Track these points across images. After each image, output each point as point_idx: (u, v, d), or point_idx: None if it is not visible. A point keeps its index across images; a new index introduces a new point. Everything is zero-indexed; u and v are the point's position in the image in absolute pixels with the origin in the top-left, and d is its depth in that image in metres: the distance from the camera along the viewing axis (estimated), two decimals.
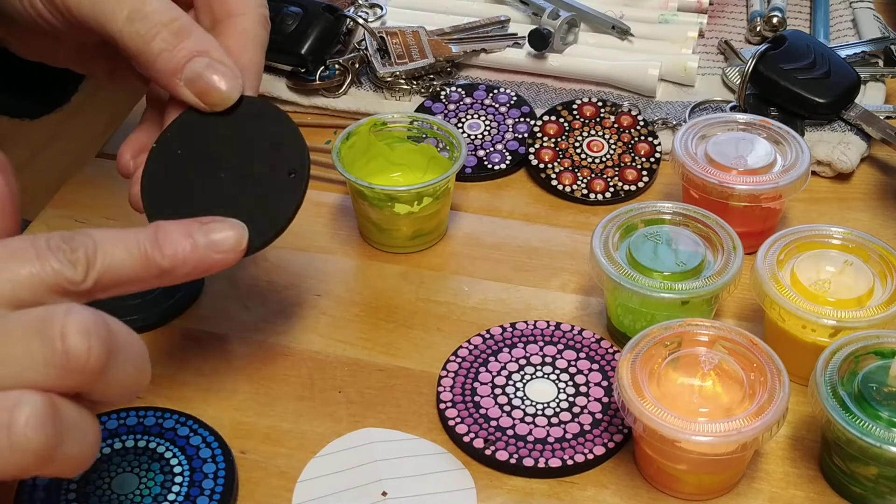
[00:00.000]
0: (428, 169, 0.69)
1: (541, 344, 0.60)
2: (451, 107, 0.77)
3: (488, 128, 0.75)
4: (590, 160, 0.73)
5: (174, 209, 0.50)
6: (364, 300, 0.65)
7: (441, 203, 0.66)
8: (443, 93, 0.78)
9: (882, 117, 0.75)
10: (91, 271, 0.42)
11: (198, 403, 0.58)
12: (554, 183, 0.72)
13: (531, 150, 0.73)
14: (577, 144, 0.73)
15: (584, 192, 0.71)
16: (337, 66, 0.80)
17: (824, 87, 0.75)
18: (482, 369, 0.59)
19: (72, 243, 0.42)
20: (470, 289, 0.65)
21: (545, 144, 0.73)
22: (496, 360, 0.60)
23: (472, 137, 0.75)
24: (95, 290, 0.43)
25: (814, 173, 0.73)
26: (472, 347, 0.60)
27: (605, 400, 0.57)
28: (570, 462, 0.54)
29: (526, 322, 0.62)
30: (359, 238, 0.69)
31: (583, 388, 0.58)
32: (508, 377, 0.59)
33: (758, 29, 0.85)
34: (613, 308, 0.61)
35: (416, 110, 0.77)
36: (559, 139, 0.73)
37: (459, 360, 0.60)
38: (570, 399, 0.57)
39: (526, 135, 0.75)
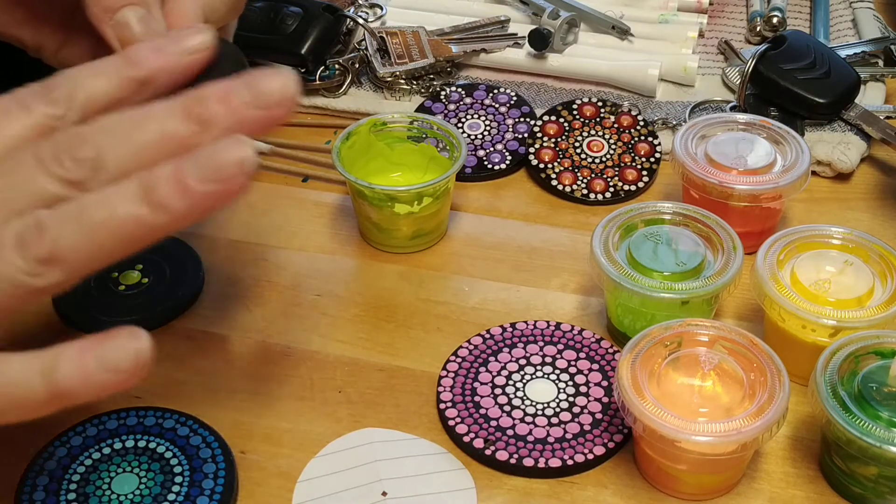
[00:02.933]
0: (428, 169, 0.69)
1: (541, 344, 0.60)
2: (451, 107, 0.77)
3: (488, 128, 0.75)
4: (590, 160, 0.73)
5: None
6: (364, 300, 0.65)
7: (441, 203, 0.66)
8: (443, 93, 0.78)
9: (882, 117, 0.75)
10: (73, 104, 0.43)
11: (198, 403, 0.58)
12: (554, 183, 0.72)
13: (531, 150, 0.73)
14: (577, 144, 0.73)
15: (584, 192, 0.71)
16: (337, 66, 0.80)
17: (824, 87, 0.75)
18: (482, 369, 0.59)
19: (50, 85, 0.43)
20: (470, 289, 0.65)
21: (545, 144, 0.73)
22: (496, 360, 0.60)
23: (472, 137, 0.75)
24: (85, 119, 0.43)
25: (814, 173, 0.73)
26: (472, 347, 0.60)
27: (605, 400, 0.57)
28: (570, 462, 0.54)
29: (526, 322, 0.62)
30: (359, 238, 0.69)
31: (583, 388, 0.58)
32: (508, 377, 0.59)
33: (758, 29, 0.86)
34: (613, 308, 0.61)
35: (416, 110, 0.77)
36: (559, 139, 0.73)
37: (459, 360, 0.60)
38: (570, 399, 0.57)
39: (526, 135, 0.75)
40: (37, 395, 0.40)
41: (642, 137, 0.73)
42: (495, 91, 0.78)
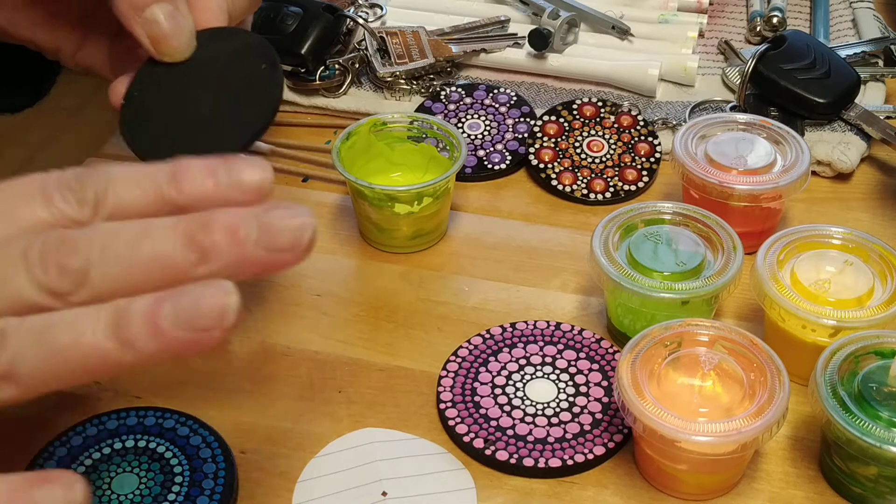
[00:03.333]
0: (428, 169, 0.69)
1: (541, 344, 0.60)
2: (451, 107, 0.77)
3: (488, 128, 0.75)
4: (590, 160, 0.73)
5: (158, 136, 0.51)
6: (364, 300, 0.65)
7: (441, 203, 0.66)
8: (443, 93, 0.78)
9: (882, 117, 0.75)
10: (99, 211, 0.40)
11: (198, 403, 0.58)
12: (554, 183, 0.72)
13: (531, 150, 0.73)
14: (577, 144, 0.73)
15: (584, 192, 0.71)
16: (337, 66, 0.80)
17: (824, 87, 0.75)
18: (482, 369, 0.59)
19: (83, 180, 0.40)
20: (470, 289, 0.65)
21: (545, 144, 0.73)
22: (496, 360, 0.60)
23: (472, 137, 0.75)
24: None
25: (814, 173, 0.73)
26: (472, 347, 0.60)
27: (605, 400, 0.57)
28: (570, 462, 0.54)
29: (526, 322, 0.62)
30: (359, 238, 0.69)
31: (583, 388, 0.58)
32: (508, 377, 0.59)
33: (758, 29, 0.86)
34: (613, 308, 0.61)
35: (416, 110, 0.77)
36: (559, 139, 0.73)
37: (459, 360, 0.60)
38: (570, 399, 0.57)
39: (526, 135, 0.75)
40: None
41: (642, 137, 0.73)
42: (495, 91, 0.78)
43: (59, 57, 0.59)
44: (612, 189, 0.71)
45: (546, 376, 0.59)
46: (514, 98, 0.77)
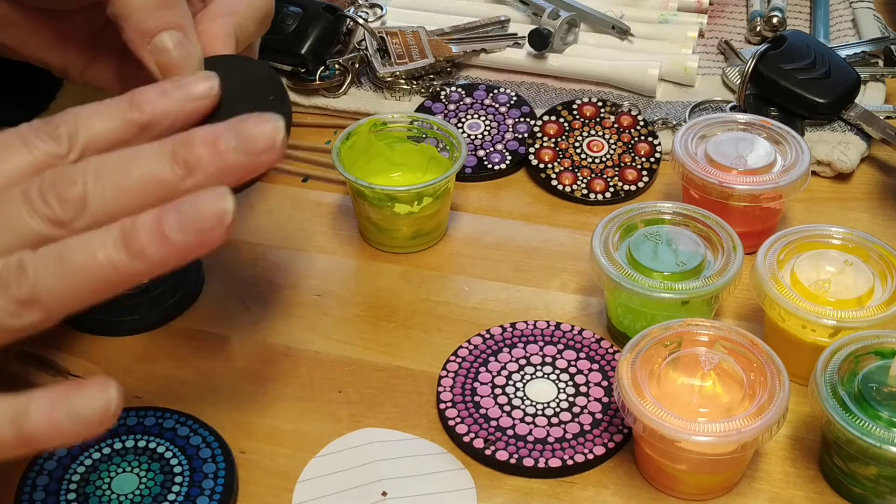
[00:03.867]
0: (428, 169, 0.69)
1: (541, 344, 0.60)
2: (451, 107, 0.77)
3: (488, 128, 0.75)
4: (590, 160, 0.73)
5: None
6: (364, 300, 0.65)
7: (441, 203, 0.66)
8: (443, 93, 0.78)
9: (882, 117, 0.75)
10: (75, 143, 0.43)
11: (198, 403, 0.58)
12: (554, 183, 0.72)
13: (531, 150, 0.73)
14: (577, 144, 0.73)
15: (584, 192, 0.71)
16: (337, 66, 0.80)
17: (824, 87, 0.75)
18: (482, 369, 0.59)
19: (53, 122, 0.43)
20: (470, 289, 0.65)
21: (545, 144, 0.73)
22: (496, 360, 0.60)
23: (472, 137, 0.75)
24: (84, 158, 0.44)
25: (814, 173, 0.73)
26: (472, 347, 0.60)
27: (605, 400, 0.57)
28: (570, 462, 0.54)
29: (526, 322, 0.62)
30: (359, 238, 0.69)
31: (583, 388, 0.58)
32: (508, 377, 0.59)
33: (758, 29, 0.85)
34: (613, 308, 0.61)
35: (416, 110, 0.77)
36: (559, 139, 0.73)
37: (459, 360, 0.60)
38: (570, 399, 0.57)
39: (526, 135, 0.75)
40: (5, 440, 0.40)
41: (642, 137, 0.73)
42: (495, 91, 0.78)
43: (67, 75, 0.59)
44: (612, 189, 0.71)
45: (546, 376, 0.59)
46: (514, 98, 0.77)
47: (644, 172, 0.72)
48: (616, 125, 0.74)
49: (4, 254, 0.41)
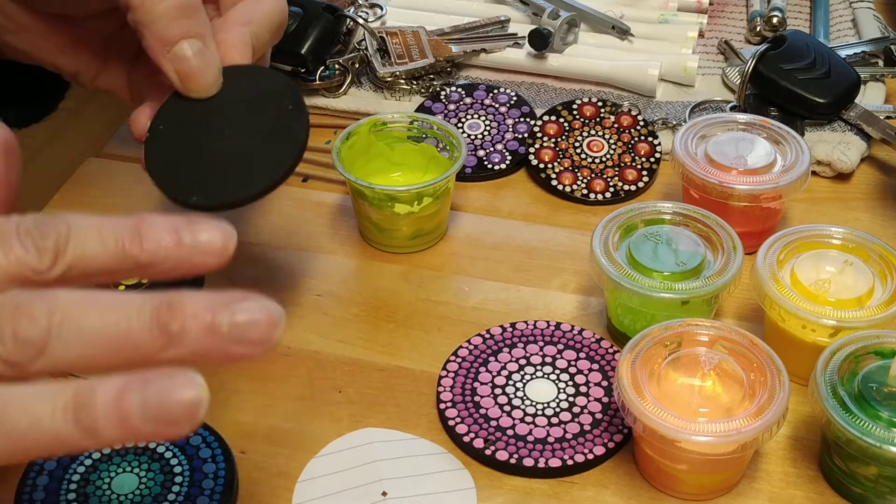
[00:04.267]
0: (428, 169, 0.69)
1: (541, 344, 0.60)
2: (451, 107, 0.77)
3: (488, 128, 0.75)
4: (590, 160, 0.73)
5: (185, 172, 0.51)
6: (364, 300, 0.65)
7: (441, 203, 0.66)
8: (443, 93, 0.78)
9: (882, 117, 0.75)
10: (60, 260, 0.38)
11: None
12: (554, 183, 0.72)
13: (531, 150, 0.73)
14: (577, 144, 0.73)
15: (584, 192, 0.71)
16: (337, 66, 0.80)
17: (824, 87, 0.75)
18: (482, 369, 0.59)
19: (43, 229, 0.39)
20: (470, 289, 0.65)
21: (545, 144, 0.73)
22: (496, 360, 0.60)
23: (472, 137, 0.75)
24: (63, 280, 0.39)
25: (814, 173, 0.73)
26: (472, 347, 0.60)
27: (605, 400, 0.57)
28: (570, 462, 0.54)
29: (526, 322, 0.62)
30: (359, 238, 0.69)
31: (583, 388, 0.58)
32: (508, 377, 0.59)
33: (758, 29, 0.85)
34: (613, 308, 0.61)
35: (416, 110, 0.77)
36: (559, 139, 0.73)
37: (459, 360, 0.60)
38: (570, 399, 0.57)
39: (526, 135, 0.75)
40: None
41: (642, 137, 0.73)
42: (495, 91, 0.78)
43: (77, 79, 0.59)
44: (612, 189, 0.71)
45: (546, 376, 0.59)
46: (514, 98, 0.77)
47: (644, 172, 0.72)
48: (616, 125, 0.74)
49: None
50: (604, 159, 0.73)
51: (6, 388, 0.36)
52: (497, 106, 0.77)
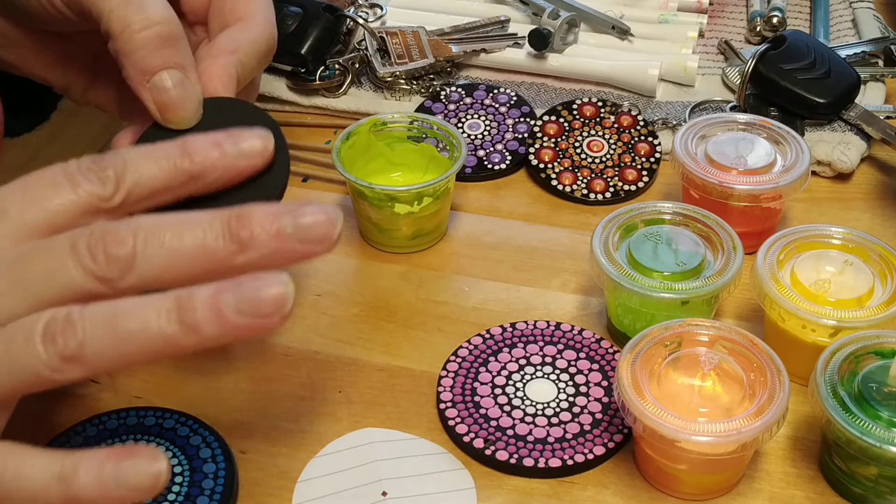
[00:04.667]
0: (428, 169, 0.69)
1: (541, 344, 0.60)
2: (451, 107, 0.77)
3: (488, 128, 0.75)
4: (590, 160, 0.73)
5: (162, 207, 0.50)
6: (364, 300, 0.65)
7: (441, 203, 0.66)
8: (443, 93, 0.78)
9: (882, 117, 0.75)
10: (122, 186, 0.43)
11: (198, 403, 0.58)
12: (554, 183, 0.72)
13: (531, 150, 0.73)
14: (577, 144, 0.73)
15: (584, 192, 0.71)
16: (337, 66, 0.80)
17: (824, 87, 0.75)
18: (482, 369, 0.59)
19: (100, 163, 0.43)
20: (470, 289, 0.65)
21: (545, 144, 0.73)
22: (496, 360, 0.60)
23: (472, 137, 0.75)
24: (128, 204, 0.43)
25: (814, 173, 0.73)
26: (472, 347, 0.60)
27: (605, 400, 0.57)
28: (570, 462, 0.54)
29: (526, 322, 0.62)
30: (359, 238, 0.69)
31: (583, 388, 0.58)
32: (508, 377, 0.59)
33: (758, 29, 0.86)
34: (613, 308, 0.61)
35: (416, 110, 0.77)
36: (559, 139, 0.73)
37: (459, 360, 0.60)
38: (570, 399, 0.57)
39: (526, 135, 0.75)
40: (50, 498, 0.40)
41: (642, 137, 0.73)
42: (495, 91, 0.78)
43: (68, 94, 0.60)
44: (612, 189, 0.71)
45: (546, 376, 0.59)
46: (514, 98, 0.77)
47: (644, 172, 0.72)
48: (616, 125, 0.74)
49: (51, 304, 0.40)
50: (604, 159, 0.73)
51: (114, 301, 0.40)
52: (497, 106, 0.77)
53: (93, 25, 0.52)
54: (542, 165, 0.72)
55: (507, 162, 0.74)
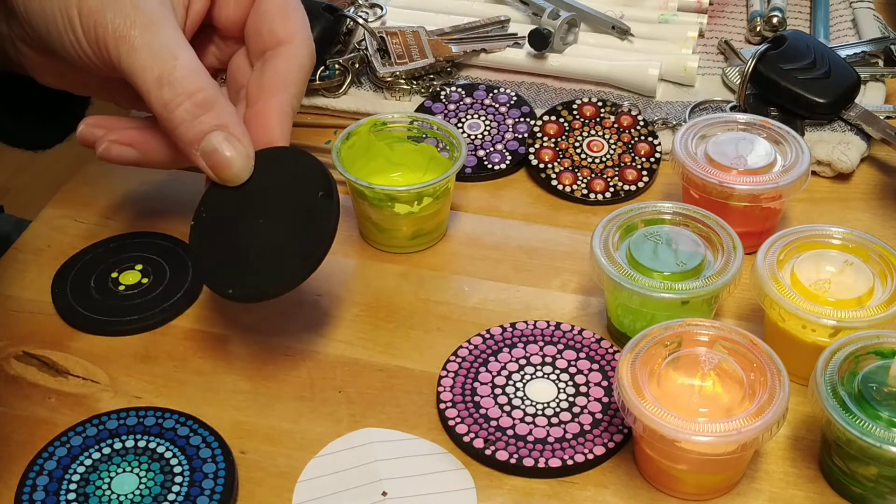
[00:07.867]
0: (428, 169, 0.69)
1: (541, 344, 0.60)
2: (451, 107, 0.77)
3: (488, 128, 0.75)
4: (590, 160, 0.73)
5: (222, 264, 0.55)
6: (364, 300, 0.65)
7: (441, 203, 0.66)
8: (443, 93, 0.78)
9: (882, 117, 0.75)
10: None
11: (198, 403, 0.58)
12: (554, 183, 0.72)
13: (531, 150, 0.73)
14: (577, 144, 0.73)
15: (584, 192, 0.71)
16: (337, 66, 0.80)
17: (824, 87, 0.75)
18: (482, 369, 0.59)
19: None
20: (470, 289, 0.65)
21: (545, 144, 0.73)
22: (496, 360, 0.60)
23: (472, 137, 0.75)
24: None
25: (814, 173, 0.73)
26: (472, 347, 0.60)
27: (605, 400, 0.57)
28: (570, 462, 0.54)
29: (526, 322, 0.62)
30: (359, 238, 0.69)
31: (583, 388, 0.58)
32: (508, 377, 0.59)
33: (758, 29, 0.86)
34: (613, 308, 0.61)
35: (416, 110, 0.77)
36: (559, 139, 0.73)
37: (459, 360, 0.60)
38: (570, 399, 0.57)
39: (526, 135, 0.75)
40: None
41: (642, 137, 0.73)
42: (495, 91, 0.78)
43: (115, 104, 0.62)
44: (612, 189, 0.71)
45: (546, 376, 0.59)
46: (514, 98, 0.77)
47: (644, 172, 0.72)
48: (616, 125, 0.74)
49: None
50: (604, 159, 0.73)
51: None
52: (497, 106, 0.77)
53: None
54: (542, 165, 0.72)
55: (507, 162, 0.74)
